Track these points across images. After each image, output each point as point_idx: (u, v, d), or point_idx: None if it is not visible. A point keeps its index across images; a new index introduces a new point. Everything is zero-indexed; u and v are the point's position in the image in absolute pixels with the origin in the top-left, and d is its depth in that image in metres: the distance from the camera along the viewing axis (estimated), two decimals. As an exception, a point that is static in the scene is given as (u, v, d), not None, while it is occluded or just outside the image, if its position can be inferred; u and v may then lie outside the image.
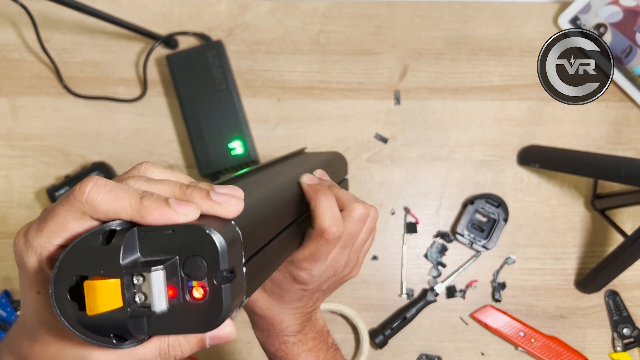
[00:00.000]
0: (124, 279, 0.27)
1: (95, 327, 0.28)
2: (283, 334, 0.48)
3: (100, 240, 0.28)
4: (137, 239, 0.28)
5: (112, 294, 0.27)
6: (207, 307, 0.28)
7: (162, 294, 0.27)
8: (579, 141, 0.78)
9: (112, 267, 0.27)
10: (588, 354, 0.73)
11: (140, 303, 0.27)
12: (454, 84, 0.79)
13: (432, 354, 0.75)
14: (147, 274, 0.27)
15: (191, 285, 0.28)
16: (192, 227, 0.28)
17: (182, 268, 0.28)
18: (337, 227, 0.42)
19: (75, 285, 0.27)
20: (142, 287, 0.27)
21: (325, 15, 0.80)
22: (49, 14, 0.79)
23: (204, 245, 0.27)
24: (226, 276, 0.28)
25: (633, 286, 0.75)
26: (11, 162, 0.78)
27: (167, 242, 0.28)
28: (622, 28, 0.73)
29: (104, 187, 0.28)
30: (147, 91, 0.79)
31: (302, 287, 0.45)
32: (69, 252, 0.28)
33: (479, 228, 0.76)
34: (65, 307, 0.28)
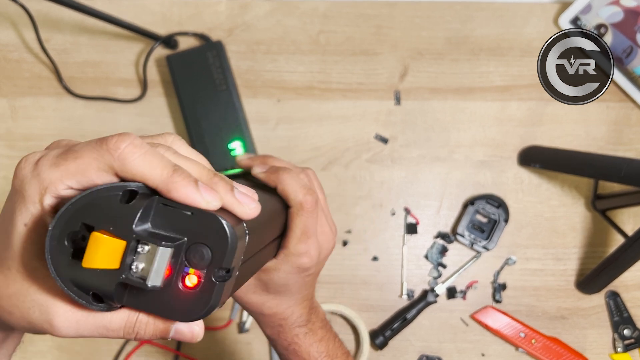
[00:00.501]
0: (130, 244, 0.27)
1: (77, 281, 0.27)
2: (294, 325, 0.48)
3: (119, 197, 0.27)
4: (153, 209, 0.27)
5: (114, 253, 0.26)
6: (194, 298, 0.27)
7: (162, 271, 0.27)
8: (579, 141, 0.78)
9: (123, 227, 0.27)
10: (589, 355, 0.73)
11: (135, 272, 0.27)
12: (455, 84, 0.79)
13: (433, 354, 0.75)
14: (156, 247, 0.27)
15: (187, 272, 0.28)
16: (211, 216, 0.28)
17: (185, 252, 0.27)
18: (310, 194, 0.43)
19: (75, 231, 0.27)
20: (143, 257, 0.27)
21: (325, 15, 0.80)
22: (48, 14, 0.79)
23: (216, 237, 0.27)
24: (223, 274, 0.28)
25: (634, 287, 0.75)
26: (11, 162, 0.78)
27: (181, 222, 0.27)
28: (623, 28, 0.73)
29: (140, 147, 0.28)
30: (147, 91, 0.79)
31: (307, 274, 0.46)
32: (86, 196, 0.27)
33: (479, 229, 0.76)
34: (57, 249, 0.27)
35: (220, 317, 0.76)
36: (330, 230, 0.48)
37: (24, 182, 0.29)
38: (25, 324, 0.29)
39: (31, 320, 0.29)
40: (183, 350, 0.74)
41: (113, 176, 0.28)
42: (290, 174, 0.44)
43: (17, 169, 0.29)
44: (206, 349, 0.75)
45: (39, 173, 0.28)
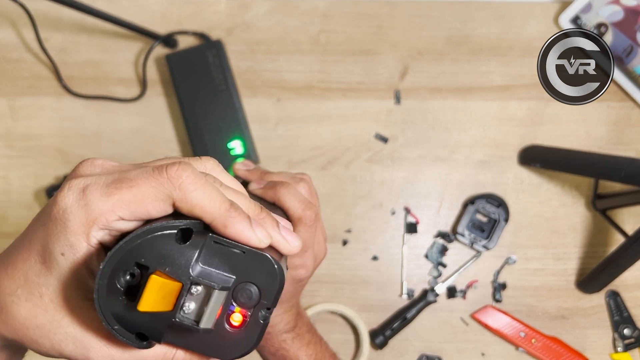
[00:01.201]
0: (186, 286, 0.26)
1: (124, 321, 0.26)
2: (282, 331, 0.48)
3: (175, 235, 0.26)
4: (205, 246, 0.27)
5: (170, 296, 0.26)
6: (237, 337, 0.27)
7: (215, 313, 0.27)
8: (579, 141, 0.78)
9: (180, 269, 0.26)
10: (589, 355, 0.73)
11: (187, 313, 0.26)
12: (455, 84, 0.79)
13: (433, 354, 0.75)
14: (211, 290, 0.26)
15: (232, 310, 0.27)
16: (263, 256, 0.27)
17: (233, 290, 0.27)
18: (309, 208, 0.42)
19: (127, 270, 0.26)
20: (195, 298, 0.26)
21: (325, 15, 0.80)
22: (48, 13, 0.79)
23: (266, 277, 0.27)
24: (267, 312, 0.28)
25: (634, 286, 0.75)
26: (10, 162, 0.78)
27: (231, 260, 0.27)
28: (623, 27, 0.73)
29: (200, 178, 0.27)
30: (147, 91, 0.79)
31: (300, 284, 0.46)
32: (142, 233, 0.26)
33: (479, 228, 0.76)
34: (106, 288, 0.26)
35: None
36: (323, 239, 0.48)
37: (67, 211, 0.26)
38: (56, 354, 0.28)
39: (63, 352, 0.28)
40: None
41: (169, 206, 0.27)
42: (288, 189, 0.43)
43: (59, 196, 0.27)
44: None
45: (88, 203, 0.26)
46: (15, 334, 0.28)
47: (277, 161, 0.78)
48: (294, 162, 0.78)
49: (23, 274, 0.28)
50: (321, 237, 0.47)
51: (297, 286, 0.46)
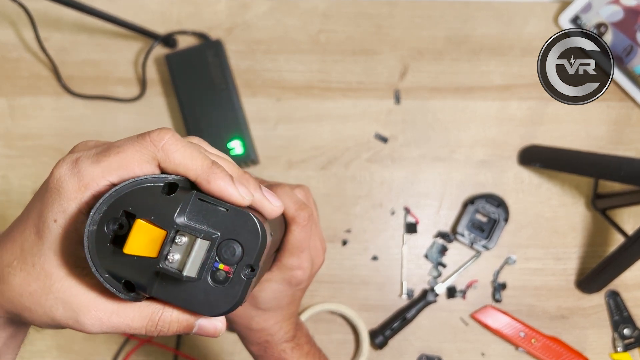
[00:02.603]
0: (170, 234, 0.27)
1: (111, 269, 0.28)
2: (281, 341, 0.48)
3: (161, 188, 0.28)
4: (190, 203, 0.28)
5: (154, 242, 0.27)
6: (221, 292, 0.28)
7: (198, 262, 0.28)
8: (580, 141, 0.78)
9: (165, 217, 0.27)
10: (589, 354, 0.73)
11: (171, 263, 0.27)
12: (455, 84, 0.79)
13: (433, 354, 0.75)
14: (194, 238, 0.27)
15: (216, 267, 0.28)
16: (245, 214, 0.29)
17: (217, 247, 0.28)
18: (302, 208, 0.43)
19: (115, 218, 0.28)
20: (179, 249, 0.28)
21: (325, 14, 0.80)
22: (47, 13, 0.79)
23: (248, 235, 0.28)
24: (250, 272, 0.29)
25: (634, 286, 0.75)
26: (10, 162, 0.78)
27: (215, 218, 0.28)
28: (623, 27, 0.73)
29: (181, 141, 0.29)
30: (146, 91, 0.79)
31: (298, 288, 0.46)
32: (129, 184, 0.28)
33: (479, 228, 0.76)
34: (95, 235, 0.28)
35: (219, 317, 0.75)
36: (321, 245, 0.48)
37: (61, 180, 0.28)
38: (48, 320, 0.30)
39: (55, 317, 0.29)
40: (182, 350, 0.74)
41: (156, 168, 0.29)
42: (283, 189, 0.44)
43: (55, 168, 0.29)
44: (205, 349, 0.75)
45: (79, 170, 0.28)
46: (12, 305, 0.30)
47: (277, 161, 0.78)
48: (294, 162, 0.78)
49: (19, 245, 0.30)
50: (318, 243, 0.47)
51: (295, 291, 0.46)
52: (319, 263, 0.48)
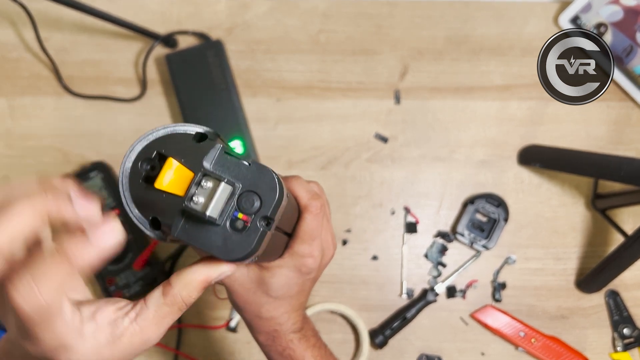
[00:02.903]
0: (197, 176, 0.30)
1: (141, 203, 0.31)
2: (289, 331, 0.49)
3: (192, 136, 0.32)
4: (217, 155, 0.31)
5: (182, 181, 0.30)
6: (238, 239, 0.31)
7: (220, 205, 0.30)
8: (579, 141, 0.78)
9: (193, 161, 0.30)
10: (588, 354, 0.73)
11: (197, 203, 0.30)
12: (455, 84, 0.79)
13: (432, 354, 0.75)
14: (218, 183, 0.30)
15: (236, 215, 0.31)
16: (267, 170, 0.31)
17: (237, 197, 0.31)
18: (315, 198, 0.45)
19: (150, 158, 0.31)
20: (204, 192, 0.30)
21: (325, 14, 0.80)
22: (47, 13, 0.79)
23: (267, 189, 0.31)
24: (266, 224, 0.31)
25: (633, 286, 0.75)
26: (10, 162, 0.78)
27: (239, 170, 0.31)
28: (623, 27, 0.73)
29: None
30: (147, 91, 0.79)
31: (308, 277, 0.47)
32: (164, 129, 0.31)
33: (479, 228, 0.76)
34: (130, 172, 0.31)
35: (219, 317, 0.76)
36: (332, 241, 0.49)
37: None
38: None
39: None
40: (183, 350, 0.74)
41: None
42: (298, 180, 0.45)
43: None
44: (205, 348, 0.75)
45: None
46: None
47: (277, 161, 0.78)
48: (294, 162, 0.78)
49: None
50: (329, 237, 0.49)
51: (305, 280, 0.47)
52: (329, 256, 0.49)
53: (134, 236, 0.73)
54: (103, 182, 0.74)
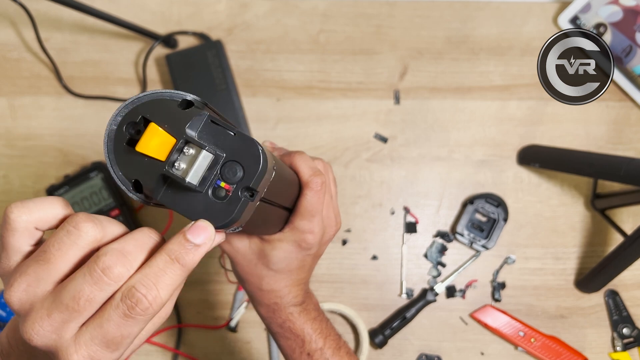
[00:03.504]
0: (179, 143, 0.30)
1: (124, 167, 0.31)
2: (289, 304, 0.50)
3: (178, 103, 0.31)
4: (203, 123, 0.31)
5: (164, 146, 0.30)
6: (220, 207, 0.31)
7: (201, 171, 0.31)
8: (579, 141, 0.78)
9: (176, 128, 0.30)
10: (588, 354, 0.73)
11: (177, 169, 0.30)
12: (454, 84, 0.79)
13: (432, 353, 0.75)
14: (200, 150, 0.30)
15: (218, 184, 0.31)
16: (251, 140, 0.31)
17: (221, 166, 0.31)
18: (317, 174, 0.45)
19: (134, 122, 0.31)
20: (186, 159, 0.30)
21: (325, 14, 0.80)
22: (48, 13, 0.79)
23: (251, 159, 0.31)
24: (249, 194, 0.31)
25: (633, 286, 0.75)
26: (10, 162, 0.78)
27: (223, 140, 0.31)
28: (622, 27, 0.73)
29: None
30: (147, 91, 0.79)
31: (307, 253, 0.47)
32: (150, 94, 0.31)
33: (478, 228, 0.76)
34: (115, 135, 0.31)
35: (219, 317, 0.76)
36: (334, 219, 0.50)
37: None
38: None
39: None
40: (182, 350, 0.75)
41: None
42: (302, 156, 0.46)
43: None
44: (206, 348, 0.75)
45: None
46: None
47: (277, 161, 0.78)
48: (294, 162, 0.78)
49: None
50: (332, 215, 0.49)
51: (305, 256, 0.48)
52: (331, 233, 0.49)
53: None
54: (103, 182, 0.74)
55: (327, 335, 0.52)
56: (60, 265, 0.29)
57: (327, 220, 0.48)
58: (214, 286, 0.76)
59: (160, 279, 0.29)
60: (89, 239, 0.29)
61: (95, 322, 0.29)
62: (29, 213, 0.30)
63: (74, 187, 0.74)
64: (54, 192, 0.74)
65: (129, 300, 0.28)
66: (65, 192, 0.74)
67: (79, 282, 0.28)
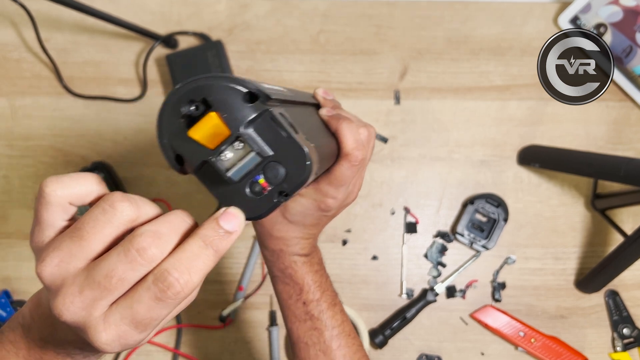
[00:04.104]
0: (231, 137, 0.30)
1: (173, 140, 0.31)
2: (294, 253, 0.50)
3: (243, 94, 0.31)
4: (262, 117, 0.31)
5: (216, 137, 0.30)
6: (251, 202, 0.32)
7: (244, 171, 0.31)
8: (579, 141, 0.78)
9: (235, 120, 0.30)
10: (588, 354, 0.73)
11: (222, 160, 0.30)
12: (454, 84, 0.79)
13: (432, 354, 0.75)
14: (250, 151, 0.31)
15: (257, 179, 0.31)
16: (301, 149, 0.31)
17: (265, 164, 0.31)
18: (360, 150, 0.44)
19: (193, 100, 0.31)
20: (234, 151, 0.31)
21: (325, 14, 0.80)
22: (48, 13, 0.79)
23: (296, 168, 0.31)
24: (283, 197, 0.32)
25: (633, 286, 0.75)
26: (11, 162, 0.78)
27: (277, 139, 0.31)
28: (622, 28, 0.73)
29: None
30: (147, 91, 0.79)
31: (324, 214, 0.48)
32: (219, 77, 0.31)
33: (479, 228, 0.76)
34: (173, 106, 0.31)
35: (219, 317, 0.76)
36: (359, 186, 0.50)
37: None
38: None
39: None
40: (182, 350, 0.75)
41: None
42: (350, 125, 0.45)
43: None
44: (206, 348, 0.75)
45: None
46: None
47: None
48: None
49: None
50: (358, 182, 0.50)
51: (321, 216, 0.48)
52: (351, 199, 0.50)
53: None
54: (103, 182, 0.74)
55: (325, 290, 0.52)
56: (94, 242, 0.29)
57: (352, 188, 0.49)
58: (214, 286, 0.76)
59: (193, 264, 0.29)
60: (125, 219, 0.29)
61: (126, 302, 0.28)
62: (64, 188, 0.30)
63: (74, 187, 0.74)
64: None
65: (161, 284, 0.28)
66: None
67: (113, 261, 0.28)
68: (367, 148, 0.47)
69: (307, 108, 0.45)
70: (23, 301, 0.74)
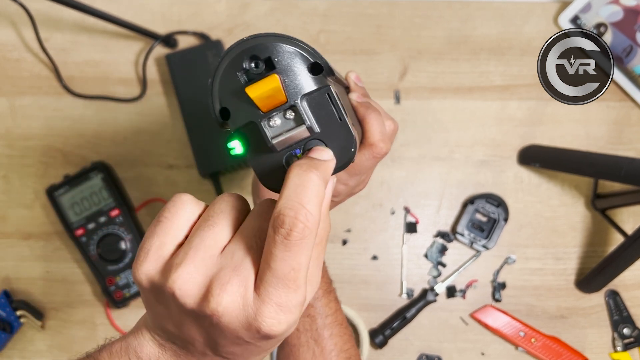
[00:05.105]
0: (286, 104, 0.30)
1: (225, 91, 0.30)
2: None
3: (309, 63, 0.30)
4: (319, 92, 0.30)
5: (272, 100, 0.29)
6: (281, 174, 0.30)
7: (289, 142, 0.30)
8: (579, 141, 0.78)
9: (294, 88, 0.30)
10: (588, 354, 0.73)
11: (271, 126, 0.30)
12: (454, 84, 0.79)
13: (432, 354, 0.75)
14: (301, 124, 0.30)
15: (296, 153, 0.31)
16: (351, 135, 0.31)
17: (309, 139, 0.31)
18: (384, 143, 0.44)
19: (256, 56, 0.30)
20: (283, 119, 0.30)
21: (325, 14, 0.80)
22: (48, 13, 0.79)
23: (341, 151, 0.31)
24: None
25: (633, 286, 0.75)
26: (10, 162, 0.78)
27: (328, 118, 0.31)
28: (623, 27, 0.73)
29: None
30: (147, 91, 0.79)
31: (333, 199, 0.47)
32: (291, 40, 0.30)
33: (479, 228, 0.76)
34: (235, 57, 0.30)
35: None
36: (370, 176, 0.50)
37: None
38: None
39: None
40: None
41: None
42: (378, 116, 0.44)
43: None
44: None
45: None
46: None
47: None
48: (294, 162, 0.78)
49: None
50: (371, 174, 0.50)
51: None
52: (359, 189, 0.50)
53: (133, 236, 0.73)
54: (103, 182, 0.74)
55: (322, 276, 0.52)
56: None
57: (364, 178, 0.48)
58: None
59: (302, 195, 0.27)
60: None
61: (263, 270, 0.27)
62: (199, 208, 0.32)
63: (73, 187, 0.74)
64: (54, 192, 0.74)
65: (282, 229, 0.26)
66: (65, 192, 0.74)
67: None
68: (390, 141, 0.46)
69: (343, 89, 0.44)
70: (23, 301, 0.74)
